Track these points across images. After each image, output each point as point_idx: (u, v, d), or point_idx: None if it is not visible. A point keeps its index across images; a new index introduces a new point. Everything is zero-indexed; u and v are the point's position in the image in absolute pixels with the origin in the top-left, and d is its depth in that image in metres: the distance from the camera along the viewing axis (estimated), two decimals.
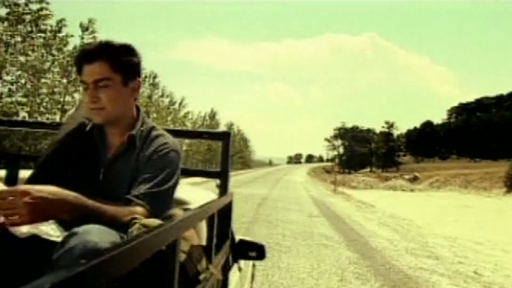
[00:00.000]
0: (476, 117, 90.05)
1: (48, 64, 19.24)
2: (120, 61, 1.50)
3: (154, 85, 30.94)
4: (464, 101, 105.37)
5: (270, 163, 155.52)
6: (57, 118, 20.26)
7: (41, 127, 2.74)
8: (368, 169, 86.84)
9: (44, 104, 19.45)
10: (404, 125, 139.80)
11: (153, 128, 1.59)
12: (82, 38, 20.27)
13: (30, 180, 1.47)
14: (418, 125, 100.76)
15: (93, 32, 20.43)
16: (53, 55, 19.34)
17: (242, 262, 2.55)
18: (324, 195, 22.96)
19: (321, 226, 10.07)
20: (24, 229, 1.19)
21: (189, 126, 42.53)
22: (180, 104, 39.13)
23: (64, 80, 20.11)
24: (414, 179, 42.52)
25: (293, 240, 7.87)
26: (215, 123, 53.23)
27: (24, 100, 18.78)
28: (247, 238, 2.59)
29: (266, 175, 50.16)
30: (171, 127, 35.61)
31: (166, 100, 35.16)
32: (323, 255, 6.72)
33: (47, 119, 19.95)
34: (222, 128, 57.65)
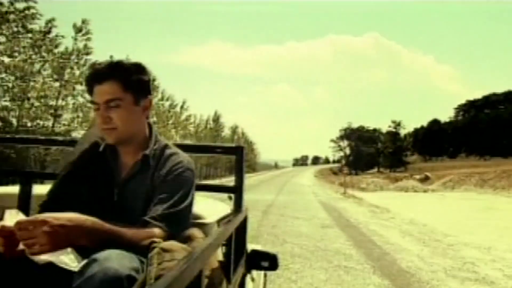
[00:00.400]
0: (484, 114, 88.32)
1: (37, 66, 18.14)
2: (131, 80, 1.49)
3: (153, 88, 29.63)
4: (470, 98, 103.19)
5: (276, 166, 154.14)
6: (49, 124, 19.17)
7: (54, 144, 2.62)
8: (375, 170, 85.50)
9: (34, 109, 18.22)
10: (410, 124, 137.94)
11: (166, 146, 1.58)
12: (76, 39, 19.32)
13: (46, 204, 1.47)
14: (424, 124, 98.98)
15: (87, 33, 19.44)
16: (43, 57, 18.24)
17: (254, 272, 2.54)
18: (334, 200, 21.48)
19: (336, 240, 8.66)
20: (43, 256, 1.16)
21: (191, 130, 41.27)
22: (181, 107, 37.67)
23: (57, 84, 19.05)
24: (425, 179, 41.02)
25: (304, 262, 6.48)
26: (219, 126, 51.71)
27: (11, 104, 17.70)
28: (259, 248, 2.52)
29: (272, 178, 48.68)
30: (173, 131, 34.64)
31: (167, 104, 33.76)
32: (346, 284, 5.35)
33: (37, 124, 18.88)
34: (226, 131, 56.64)
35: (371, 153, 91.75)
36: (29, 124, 18.48)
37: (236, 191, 1.96)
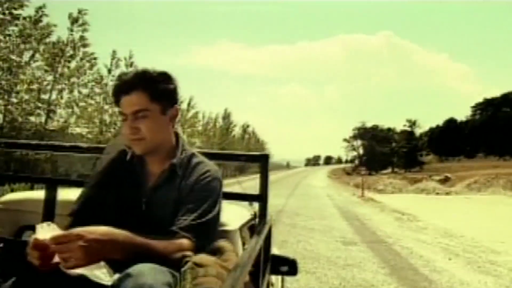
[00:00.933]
0: (503, 112, 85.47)
1: (27, 56, 16.52)
2: (158, 90, 1.50)
3: None
4: (486, 96, 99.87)
5: (288, 166, 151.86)
6: (42, 119, 17.61)
7: (78, 151, 2.45)
8: (389, 170, 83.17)
9: (24, 103, 16.54)
10: (424, 123, 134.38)
11: (193, 155, 1.59)
12: (72, 30, 17.80)
13: (77, 212, 1.49)
14: (438, 123, 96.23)
15: (83, 24, 17.93)
16: (33, 47, 16.63)
17: (272, 277, 2.48)
18: (352, 204, 19.38)
19: (366, 265, 6.67)
20: (77, 269, 1.19)
21: (199, 128, 39.43)
22: (188, 104, 35.71)
23: (50, 77, 17.50)
24: (446, 180, 38.71)
25: None
26: (229, 125, 49.70)
27: None
28: (278, 252, 2.51)
29: (283, 178, 46.40)
30: (179, 129, 33.48)
31: None
32: None
33: (27, 120, 17.24)
34: (237, 129, 54.77)
35: (385, 153, 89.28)
36: (19, 120, 16.91)
37: (261, 199, 1.93)
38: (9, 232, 1.96)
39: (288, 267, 2.35)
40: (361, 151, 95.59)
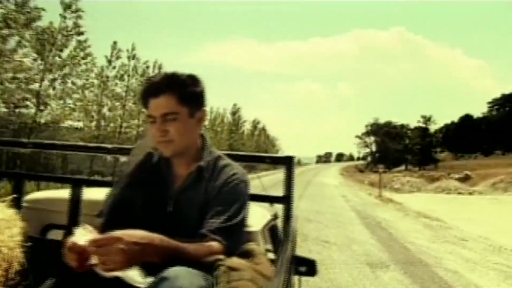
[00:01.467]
0: None
1: (12, 44, 14.96)
2: (187, 93, 1.50)
3: None
4: (502, 92, 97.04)
5: (299, 163, 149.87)
6: (31, 112, 16.10)
7: (103, 151, 2.56)
8: (403, 167, 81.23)
9: (7, 94, 15.00)
10: (438, 120, 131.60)
11: (219, 157, 1.58)
12: (65, 17, 16.26)
13: (105, 213, 1.50)
14: (453, 119, 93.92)
15: (76, 10, 16.38)
16: (19, 33, 15.04)
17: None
18: (371, 206, 17.35)
19: None
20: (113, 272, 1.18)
21: (206, 123, 37.74)
22: None
23: (41, 66, 16.00)
24: (466, 179, 36.62)
25: None
26: (238, 120, 47.87)
27: None
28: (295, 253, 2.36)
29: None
30: None
31: None
32: None
33: (13, 111, 15.81)
34: (247, 125, 53.05)
35: (398, 150, 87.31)
36: (3, 110, 15.38)
37: (286, 201, 1.93)
38: (34, 231, 1.91)
39: (307, 267, 2.30)
40: (373, 148, 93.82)
